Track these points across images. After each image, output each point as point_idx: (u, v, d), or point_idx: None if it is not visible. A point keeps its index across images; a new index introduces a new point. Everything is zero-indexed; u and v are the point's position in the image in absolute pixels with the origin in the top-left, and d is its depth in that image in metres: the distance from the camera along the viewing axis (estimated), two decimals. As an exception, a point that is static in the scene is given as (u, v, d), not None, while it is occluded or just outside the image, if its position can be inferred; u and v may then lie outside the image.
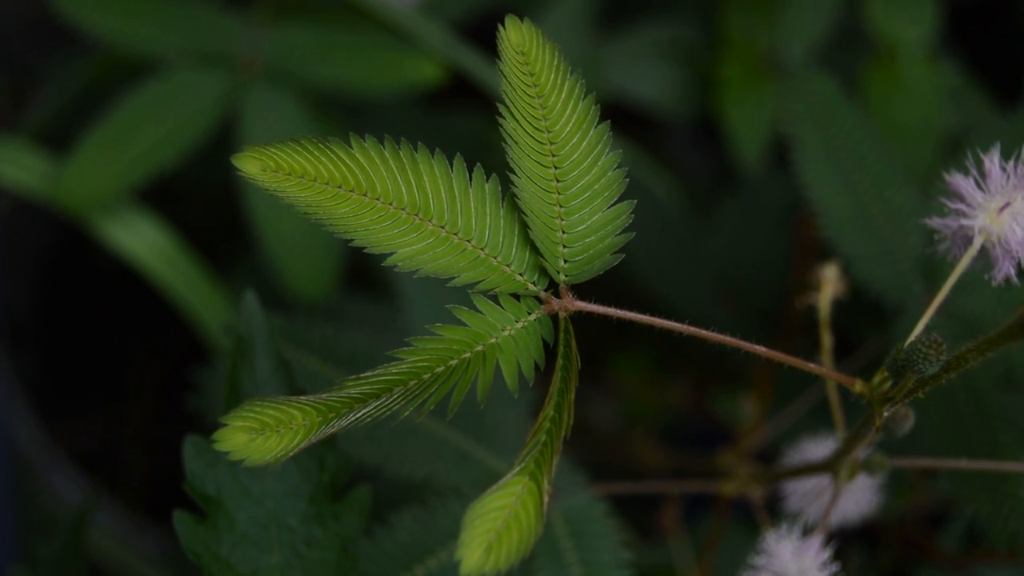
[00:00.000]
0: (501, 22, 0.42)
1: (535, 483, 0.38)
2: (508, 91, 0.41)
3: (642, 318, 0.40)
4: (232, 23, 0.86)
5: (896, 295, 0.64)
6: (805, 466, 0.57)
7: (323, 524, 0.50)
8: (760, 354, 0.41)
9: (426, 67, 0.84)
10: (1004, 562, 0.71)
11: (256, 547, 0.49)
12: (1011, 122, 0.68)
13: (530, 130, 0.41)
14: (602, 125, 0.42)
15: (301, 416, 0.39)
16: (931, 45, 0.92)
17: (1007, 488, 0.59)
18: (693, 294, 0.91)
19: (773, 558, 0.51)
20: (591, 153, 0.41)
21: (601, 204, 0.41)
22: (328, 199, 0.40)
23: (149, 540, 0.91)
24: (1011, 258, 0.41)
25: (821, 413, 0.62)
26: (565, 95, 0.42)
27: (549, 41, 0.42)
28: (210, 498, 0.48)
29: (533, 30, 0.42)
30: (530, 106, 0.41)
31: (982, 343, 0.40)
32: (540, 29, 0.91)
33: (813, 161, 0.65)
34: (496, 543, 0.36)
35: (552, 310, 0.41)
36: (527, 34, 0.41)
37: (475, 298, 0.40)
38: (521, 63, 0.41)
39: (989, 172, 0.41)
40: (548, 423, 0.39)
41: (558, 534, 0.57)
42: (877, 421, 0.43)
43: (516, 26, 0.41)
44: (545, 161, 0.41)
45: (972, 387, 0.61)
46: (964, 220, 0.41)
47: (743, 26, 0.95)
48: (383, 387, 0.40)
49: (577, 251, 0.41)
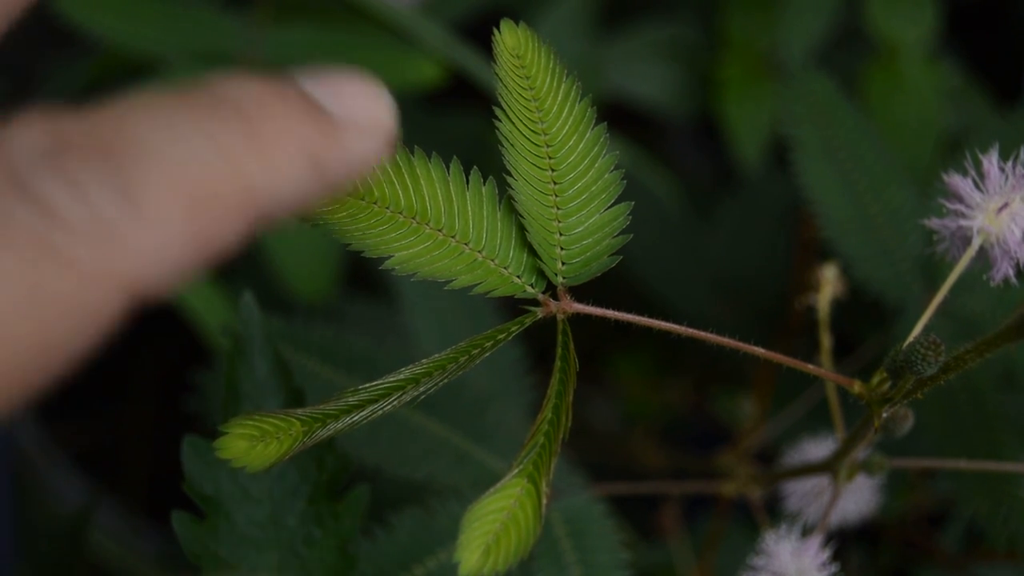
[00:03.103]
0: (499, 23, 0.42)
1: (533, 485, 0.38)
2: (504, 94, 0.41)
3: (641, 320, 0.40)
4: (232, 23, 0.86)
5: (895, 295, 0.64)
6: (804, 466, 0.57)
7: (322, 524, 0.50)
8: (759, 355, 0.41)
9: (426, 67, 0.84)
10: (1004, 562, 0.71)
11: (255, 547, 0.49)
12: (1011, 122, 0.68)
13: (526, 133, 0.41)
14: (598, 127, 0.42)
15: (300, 424, 0.39)
16: (931, 45, 0.92)
17: (1007, 488, 0.59)
18: (693, 294, 0.91)
19: (772, 558, 0.51)
20: (588, 155, 0.41)
21: (599, 206, 0.41)
22: (326, 205, 0.40)
23: (149, 540, 0.91)
24: (1010, 258, 0.41)
25: (821, 413, 0.62)
26: (561, 97, 0.41)
27: (544, 44, 0.42)
28: (209, 498, 0.48)
29: (528, 33, 0.41)
30: (526, 109, 0.41)
31: (981, 344, 0.40)
32: (540, 29, 0.91)
33: (812, 162, 0.65)
34: (494, 545, 0.36)
35: (550, 312, 0.41)
36: (522, 37, 0.41)
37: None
38: (517, 66, 0.41)
39: (987, 173, 0.41)
40: (546, 425, 0.39)
41: (558, 535, 0.57)
42: (876, 422, 0.43)
43: (511, 29, 0.41)
44: (542, 164, 0.41)
45: (972, 387, 0.61)
46: (962, 221, 0.41)
47: (743, 26, 0.95)
48: (381, 393, 0.40)
49: (575, 253, 0.41)
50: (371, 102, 0.33)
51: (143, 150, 0.28)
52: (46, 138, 0.27)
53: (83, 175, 0.27)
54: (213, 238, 0.29)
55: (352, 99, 0.33)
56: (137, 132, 0.28)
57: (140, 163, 0.27)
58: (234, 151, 0.29)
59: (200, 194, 0.28)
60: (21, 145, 0.27)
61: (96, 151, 0.27)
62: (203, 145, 0.28)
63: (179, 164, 0.28)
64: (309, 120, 0.31)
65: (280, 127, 0.30)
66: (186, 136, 0.28)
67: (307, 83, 0.32)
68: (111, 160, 0.27)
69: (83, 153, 0.27)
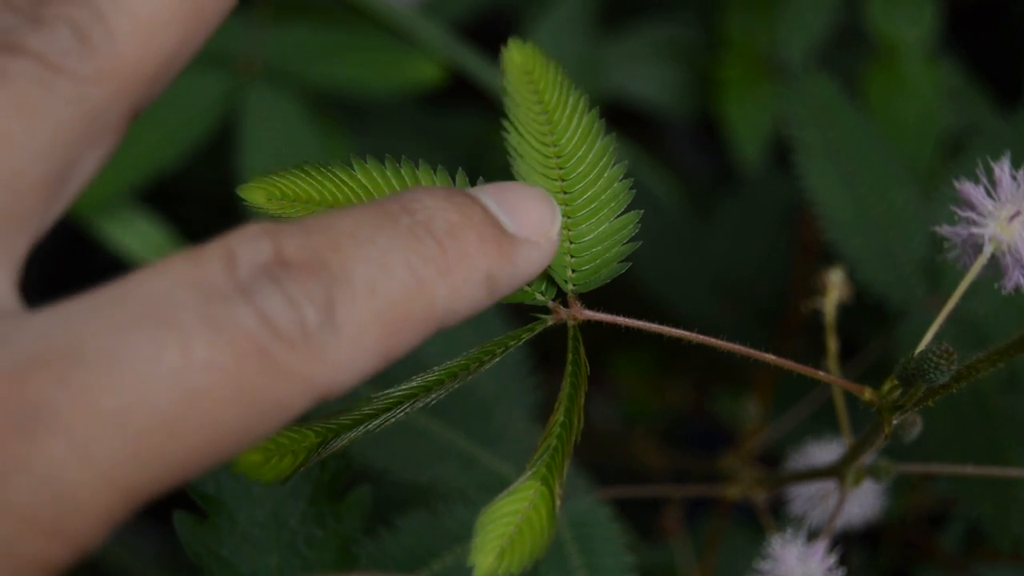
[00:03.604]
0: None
1: (547, 487, 0.38)
2: (513, 108, 0.42)
3: (651, 326, 0.40)
4: (232, 23, 0.85)
5: (899, 297, 0.64)
6: (810, 471, 0.57)
7: (323, 524, 0.50)
8: (769, 362, 0.41)
9: (426, 67, 0.84)
10: (1005, 563, 0.71)
11: (256, 547, 0.49)
12: (1013, 124, 0.68)
13: (536, 145, 0.41)
14: (607, 137, 0.42)
15: (314, 436, 0.39)
16: (931, 45, 0.92)
17: (1011, 491, 0.59)
18: (693, 294, 0.91)
19: (778, 562, 0.51)
20: (597, 165, 0.42)
21: (608, 215, 0.41)
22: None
23: (149, 540, 0.90)
24: (1021, 267, 0.41)
25: (825, 416, 0.62)
26: (570, 110, 0.42)
27: (551, 59, 0.42)
28: (210, 498, 0.49)
29: (535, 49, 0.42)
30: (536, 122, 0.42)
31: (993, 353, 0.40)
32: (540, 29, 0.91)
33: (815, 163, 0.65)
34: (509, 548, 0.36)
35: (561, 319, 0.41)
36: (530, 54, 0.42)
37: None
38: (526, 82, 0.42)
39: (999, 180, 0.41)
40: (559, 428, 0.39)
41: (564, 538, 0.57)
42: (887, 429, 0.43)
43: (519, 47, 0.42)
44: (552, 174, 0.41)
45: (976, 389, 0.61)
46: (974, 228, 0.41)
47: (743, 26, 0.95)
48: (394, 402, 0.40)
49: (584, 261, 0.41)
50: (544, 216, 0.38)
51: (350, 274, 0.32)
52: (269, 251, 0.31)
53: (297, 292, 0.31)
54: (396, 350, 0.33)
55: (527, 214, 0.37)
56: (346, 254, 0.32)
57: (346, 287, 0.32)
58: (428, 280, 0.33)
59: (393, 317, 0.32)
60: (246, 255, 0.31)
61: (309, 271, 0.31)
62: (403, 274, 0.33)
63: (380, 291, 0.32)
64: (491, 243, 0.35)
65: (467, 252, 0.35)
66: (388, 264, 0.32)
67: (489, 200, 0.36)
68: (322, 280, 0.31)
69: (299, 272, 0.31)
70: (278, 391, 0.30)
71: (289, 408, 0.31)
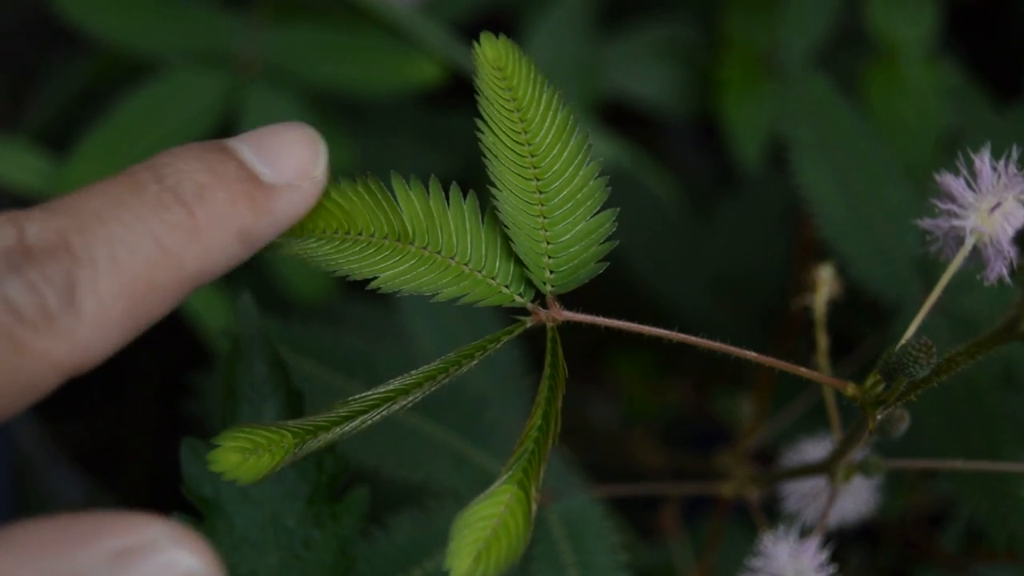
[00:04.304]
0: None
1: (523, 491, 0.38)
2: (486, 106, 0.41)
3: (630, 326, 0.40)
4: (232, 23, 0.86)
5: (893, 294, 0.64)
6: (802, 467, 0.57)
7: (321, 525, 0.50)
8: (752, 359, 0.41)
9: (426, 67, 0.84)
10: (1004, 562, 0.70)
11: (254, 549, 0.49)
12: (1008, 122, 0.68)
13: (510, 144, 0.41)
14: (581, 134, 0.42)
15: (292, 436, 0.39)
16: (931, 45, 0.91)
17: (1006, 487, 0.59)
18: (693, 293, 0.91)
19: (770, 559, 0.51)
20: (572, 163, 0.41)
21: (584, 213, 0.41)
22: (312, 243, 0.41)
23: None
24: (1003, 258, 0.41)
25: (819, 414, 0.62)
26: (544, 107, 0.42)
27: (525, 55, 0.42)
28: (208, 500, 0.49)
29: (509, 45, 0.42)
30: (509, 120, 0.41)
31: (972, 346, 0.40)
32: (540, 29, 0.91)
33: (810, 161, 0.65)
34: (485, 552, 0.37)
35: (539, 321, 0.41)
36: (503, 49, 0.42)
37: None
38: (498, 78, 0.41)
39: (980, 172, 0.41)
40: (535, 432, 0.39)
41: (556, 536, 0.57)
42: (870, 424, 0.43)
43: (491, 42, 0.42)
44: (526, 173, 0.41)
45: (971, 386, 0.61)
46: (955, 221, 0.41)
47: (743, 26, 0.94)
48: (371, 405, 0.40)
49: (562, 261, 0.41)
50: (304, 157, 0.38)
51: (93, 254, 0.33)
52: (12, 238, 0.33)
53: (36, 277, 0.32)
54: (148, 316, 0.35)
55: (287, 160, 0.38)
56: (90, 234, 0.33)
57: (88, 267, 0.33)
58: (174, 247, 0.34)
59: (139, 289, 0.34)
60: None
61: (50, 254, 0.33)
62: (147, 246, 0.34)
63: (123, 266, 0.33)
64: (243, 199, 0.36)
65: (216, 213, 0.35)
66: (133, 238, 0.34)
67: (247, 150, 0.37)
68: (62, 263, 0.33)
69: (39, 256, 0.33)
70: (25, 371, 0.32)
71: (37, 386, 0.33)
